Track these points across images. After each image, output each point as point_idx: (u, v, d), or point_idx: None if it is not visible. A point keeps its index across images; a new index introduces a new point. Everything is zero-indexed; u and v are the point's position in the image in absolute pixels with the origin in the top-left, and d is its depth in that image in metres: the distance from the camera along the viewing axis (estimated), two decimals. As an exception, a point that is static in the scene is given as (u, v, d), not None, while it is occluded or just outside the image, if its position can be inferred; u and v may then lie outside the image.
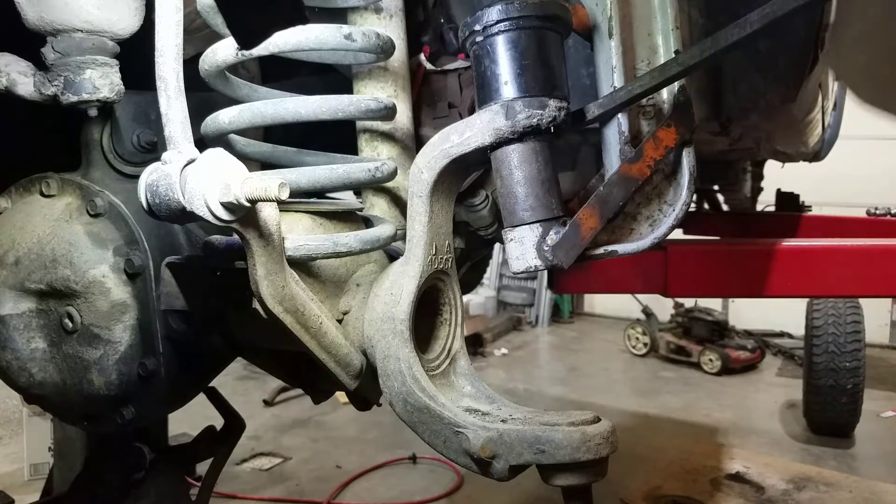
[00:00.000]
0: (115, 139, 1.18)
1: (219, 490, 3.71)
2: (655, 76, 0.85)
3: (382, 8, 1.16)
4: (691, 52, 0.84)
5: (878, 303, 6.89)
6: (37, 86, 1.09)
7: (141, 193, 0.81)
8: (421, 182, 0.94)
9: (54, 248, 1.11)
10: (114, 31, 1.09)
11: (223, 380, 1.41)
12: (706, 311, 7.15)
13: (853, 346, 4.76)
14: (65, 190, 1.17)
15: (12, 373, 1.16)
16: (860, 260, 2.34)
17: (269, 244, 0.88)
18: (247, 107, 1.05)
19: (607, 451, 0.89)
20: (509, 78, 0.86)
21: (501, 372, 6.96)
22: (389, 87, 1.19)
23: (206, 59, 1.05)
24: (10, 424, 4.99)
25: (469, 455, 0.90)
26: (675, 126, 0.89)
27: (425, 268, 0.98)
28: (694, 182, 0.91)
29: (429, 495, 4.18)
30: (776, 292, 2.39)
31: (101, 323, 1.10)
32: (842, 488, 3.73)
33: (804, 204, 4.15)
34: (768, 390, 6.16)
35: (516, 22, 0.85)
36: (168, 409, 1.35)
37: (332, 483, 4.31)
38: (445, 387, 1.03)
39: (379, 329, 0.99)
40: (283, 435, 5.15)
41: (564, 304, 9.14)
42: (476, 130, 0.88)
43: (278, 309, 0.92)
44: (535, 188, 0.87)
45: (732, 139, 2.26)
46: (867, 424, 5.04)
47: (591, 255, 0.91)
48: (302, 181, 1.06)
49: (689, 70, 0.84)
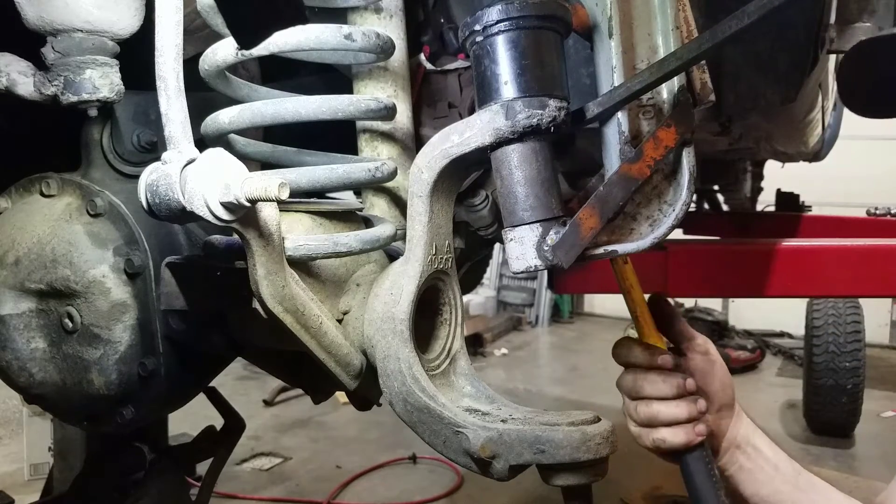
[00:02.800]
0: (115, 139, 1.18)
1: (219, 490, 3.71)
2: (654, 71, 0.84)
3: (382, 8, 1.16)
4: (689, 45, 0.84)
5: (878, 303, 6.89)
6: (37, 86, 1.09)
7: (141, 193, 0.81)
8: (421, 182, 0.94)
9: (54, 248, 1.11)
10: (114, 31, 1.09)
11: (223, 380, 1.41)
12: (706, 311, 7.16)
13: (853, 346, 4.76)
14: (65, 190, 1.17)
15: (12, 373, 1.16)
16: (860, 260, 2.34)
17: (269, 244, 0.88)
18: (247, 107, 1.05)
19: (607, 450, 0.89)
20: (509, 78, 0.86)
21: (501, 372, 6.97)
22: (389, 87, 1.19)
23: (206, 59, 1.05)
24: (10, 424, 4.99)
25: (469, 455, 0.90)
26: (674, 126, 0.89)
27: (425, 268, 0.98)
28: (694, 182, 0.91)
29: (429, 495, 4.18)
30: (776, 292, 2.39)
31: (101, 323, 1.10)
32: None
33: (804, 204, 4.15)
34: (768, 390, 6.17)
35: (516, 22, 0.85)
36: (168, 409, 1.35)
37: (332, 483, 4.31)
38: (445, 387, 1.03)
39: (379, 329, 0.99)
40: (283, 435, 5.15)
41: (564, 304, 9.14)
42: (476, 130, 0.88)
43: (278, 309, 0.92)
44: (535, 188, 0.87)
45: (732, 139, 2.26)
46: (867, 424, 5.04)
47: (591, 255, 0.91)
48: (302, 181, 1.06)
49: (688, 63, 0.83)
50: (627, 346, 1.13)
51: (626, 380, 1.12)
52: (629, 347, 1.13)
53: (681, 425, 1.08)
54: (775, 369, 6.86)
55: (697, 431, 1.08)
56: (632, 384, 1.11)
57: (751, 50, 1.64)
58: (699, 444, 1.09)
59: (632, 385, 1.11)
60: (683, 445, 1.08)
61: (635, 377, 1.11)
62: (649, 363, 1.10)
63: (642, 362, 1.11)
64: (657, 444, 1.09)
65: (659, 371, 1.10)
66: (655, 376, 1.09)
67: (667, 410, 1.08)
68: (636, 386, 1.10)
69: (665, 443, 1.09)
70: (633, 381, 1.11)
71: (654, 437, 1.10)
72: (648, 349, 1.11)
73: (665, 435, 1.09)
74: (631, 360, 1.12)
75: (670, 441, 1.08)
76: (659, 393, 1.08)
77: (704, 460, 1.10)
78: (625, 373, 1.13)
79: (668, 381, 1.08)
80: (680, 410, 1.08)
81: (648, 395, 1.09)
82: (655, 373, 1.10)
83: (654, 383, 1.09)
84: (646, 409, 1.09)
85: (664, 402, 1.08)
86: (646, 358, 1.11)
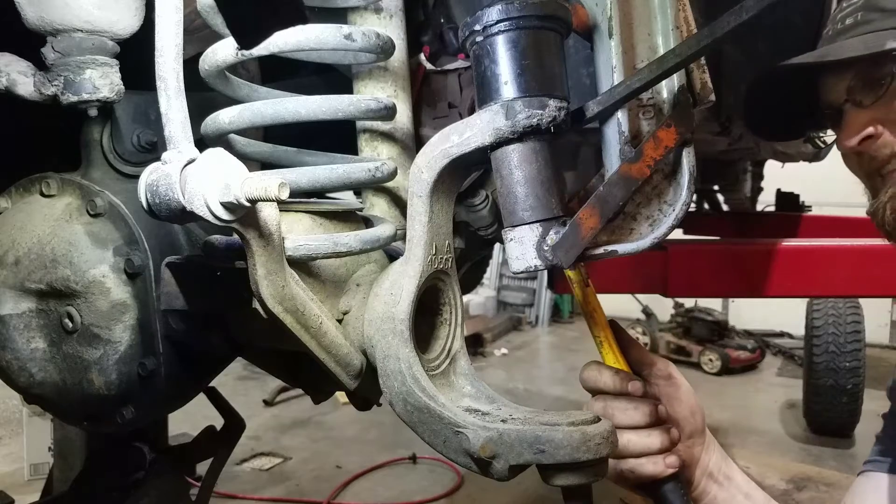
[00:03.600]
0: (115, 139, 1.18)
1: (219, 490, 3.71)
2: (654, 69, 0.84)
3: (382, 8, 1.16)
4: (688, 42, 0.83)
5: (878, 303, 6.89)
6: (37, 86, 1.09)
7: (141, 193, 0.81)
8: (421, 182, 0.94)
9: (54, 248, 1.11)
10: (114, 31, 1.09)
11: (223, 380, 1.42)
12: (706, 311, 7.15)
13: (853, 346, 4.77)
14: (65, 190, 1.17)
15: (12, 373, 1.16)
16: (860, 260, 2.34)
17: (269, 244, 0.88)
18: (247, 107, 1.05)
19: (607, 450, 0.88)
20: (509, 78, 0.86)
21: (501, 372, 6.97)
22: (389, 87, 1.19)
23: (206, 59, 1.05)
24: (10, 424, 4.99)
25: (469, 455, 0.90)
26: (674, 126, 0.89)
27: (425, 268, 0.98)
28: (694, 182, 0.91)
29: (429, 495, 4.19)
30: (776, 292, 2.40)
31: (101, 323, 1.10)
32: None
33: (804, 204, 4.15)
34: (768, 390, 6.17)
35: (516, 22, 0.85)
36: (168, 409, 1.35)
37: (332, 483, 4.32)
38: (445, 387, 1.03)
39: (379, 329, 0.99)
40: (283, 435, 5.15)
41: (564, 304, 9.14)
42: (476, 130, 0.88)
43: (278, 309, 0.92)
44: (535, 188, 0.87)
45: (732, 139, 2.26)
46: (867, 424, 5.04)
47: (591, 255, 0.91)
48: (302, 181, 1.06)
49: (688, 60, 0.83)
50: (597, 370, 1.08)
51: (596, 407, 1.05)
52: (598, 371, 1.07)
53: (652, 456, 1.03)
54: (775, 369, 6.86)
55: (668, 463, 1.03)
56: (601, 412, 1.03)
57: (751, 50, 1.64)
58: (672, 475, 1.04)
59: (602, 413, 1.03)
60: (655, 477, 1.03)
61: (605, 404, 1.04)
62: (620, 389, 1.05)
63: (612, 388, 1.05)
64: (626, 475, 1.04)
65: (629, 398, 1.04)
66: (626, 403, 1.03)
67: (638, 440, 1.02)
68: (606, 414, 1.03)
69: (634, 474, 1.03)
70: (603, 409, 1.04)
71: (624, 469, 1.04)
72: (618, 374, 1.06)
73: (634, 466, 1.03)
74: (600, 385, 1.06)
75: (640, 472, 1.03)
76: (630, 421, 1.02)
77: (679, 492, 1.05)
78: (594, 399, 1.07)
79: (639, 409, 1.02)
80: (652, 440, 1.02)
81: (619, 423, 1.01)
82: (626, 399, 1.04)
83: (625, 411, 1.03)
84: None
85: (635, 432, 1.02)
86: (616, 383, 1.05)
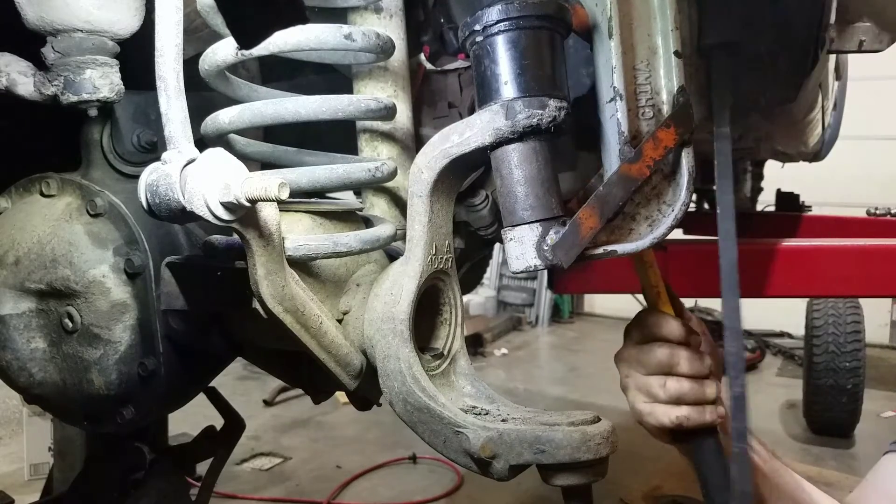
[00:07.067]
0: (115, 139, 1.18)
1: (219, 490, 3.71)
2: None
3: (382, 8, 1.16)
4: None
5: (878, 303, 6.88)
6: (37, 86, 1.09)
7: (141, 193, 0.81)
8: (421, 182, 0.94)
9: (54, 248, 1.11)
10: (114, 31, 1.10)
11: (223, 380, 1.41)
12: (706, 311, 7.14)
13: (853, 346, 4.76)
14: (65, 190, 1.17)
15: (12, 373, 1.16)
16: (860, 260, 2.34)
17: (269, 244, 0.88)
18: (247, 107, 1.05)
19: (607, 450, 0.89)
20: (509, 78, 0.86)
21: (501, 372, 6.96)
22: (389, 87, 1.19)
23: (206, 59, 1.05)
24: (10, 424, 4.99)
25: (469, 455, 0.90)
26: (674, 126, 0.89)
27: (425, 268, 0.98)
28: (693, 182, 0.91)
29: (429, 495, 4.18)
30: (776, 292, 2.39)
31: (101, 323, 1.10)
32: (842, 488, 3.72)
33: (804, 204, 4.15)
34: (768, 390, 6.16)
35: (516, 22, 0.85)
36: (168, 409, 1.35)
37: (332, 483, 4.31)
38: (445, 387, 1.03)
39: (379, 329, 0.99)
40: (283, 435, 5.15)
41: (564, 304, 9.14)
42: (476, 130, 0.88)
43: (278, 309, 0.92)
44: (535, 188, 0.88)
45: (732, 139, 2.26)
46: (867, 424, 5.04)
47: (590, 255, 0.91)
48: (302, 181, 1.06)
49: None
50: (663, 319, 1.09)
51: (659, 353, 1.06)
52: (665, 320, 1.09)
53: (705, 405, 1.06)
54: (775, 369, 6.86)
55: (719, 413, 1.07)
56: (668, 358, 1.05)
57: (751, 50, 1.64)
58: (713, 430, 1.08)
59: (667, 359, 1.05)
60: (705, 426, 1.06)
61: (672, 352, 1.06)
62: (685, 340, 1.07)
63: (678, 338, 1.07)
64: (680, 421, 1.06)
65: (690, 349, 1.07)
66: (691, 353, 1.06)
67: (699, 389, 1.05)
68: (672, 360, 1.05)
69: (689, 420, 1.05)
70: (670, 356, 1.06)
71: (679, 415, 1.06)
72: (684, 325, 1.08)
73: (689, 413, 1.06)
74: (664, 332, 1.08)
75: (694, 420, 1.05)
76: (694, 371, 1.05)
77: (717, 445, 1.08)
78: (657, 345, 1.08)
79: (703, 360, 1.06)
80: (708, 390, 1.06)
81: (682, 371, 1.05)
82: (688, 350, 1.06)
83: (691, 361, 1.05)
84: (676, 385, 1.05)
85: (697, 381, 1.06)
86: (682, 334, 1.07)
